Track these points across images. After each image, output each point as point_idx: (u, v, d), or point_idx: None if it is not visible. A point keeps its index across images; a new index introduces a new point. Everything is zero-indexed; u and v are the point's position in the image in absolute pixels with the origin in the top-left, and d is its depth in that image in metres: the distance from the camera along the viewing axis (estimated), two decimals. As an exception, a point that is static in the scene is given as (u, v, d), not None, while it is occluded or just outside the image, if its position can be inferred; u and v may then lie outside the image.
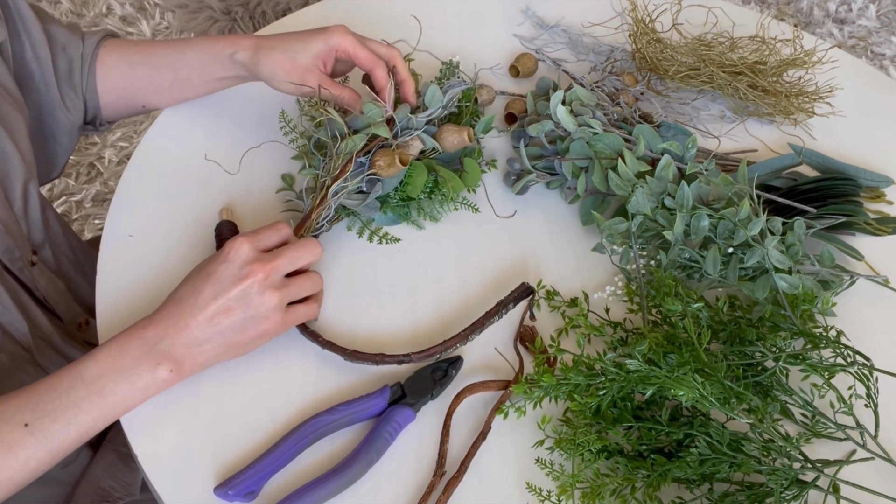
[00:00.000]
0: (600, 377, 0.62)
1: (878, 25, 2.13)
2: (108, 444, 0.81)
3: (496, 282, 0.75)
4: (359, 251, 0.77)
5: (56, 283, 0.79)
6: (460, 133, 0.79)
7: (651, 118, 0.87)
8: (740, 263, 0.70)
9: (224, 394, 0.66)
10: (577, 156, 0.78)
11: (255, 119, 0.87)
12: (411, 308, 0.73)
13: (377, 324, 0.72)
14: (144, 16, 2.01)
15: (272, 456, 0.61)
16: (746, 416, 0.60)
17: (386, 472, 0.63)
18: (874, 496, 0.61)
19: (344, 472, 0.61)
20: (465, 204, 0.81)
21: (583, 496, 0.60)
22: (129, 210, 0.79)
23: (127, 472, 0.80)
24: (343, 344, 0.68)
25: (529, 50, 0.98)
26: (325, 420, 0.63)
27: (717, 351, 0.64)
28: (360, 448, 0.62)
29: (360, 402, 0.64)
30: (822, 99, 0.91)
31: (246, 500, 0.60)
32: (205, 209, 0.79)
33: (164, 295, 0.64)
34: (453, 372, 0.67)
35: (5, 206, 0.71)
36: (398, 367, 0.68)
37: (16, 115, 0.74)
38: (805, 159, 0.83)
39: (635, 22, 0.92)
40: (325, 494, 0.60)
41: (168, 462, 0.63)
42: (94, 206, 1.66)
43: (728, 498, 0.59)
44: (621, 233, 0.74)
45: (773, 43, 0.92)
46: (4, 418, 0.57)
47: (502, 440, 0.65)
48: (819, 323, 0.67)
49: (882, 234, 0.77)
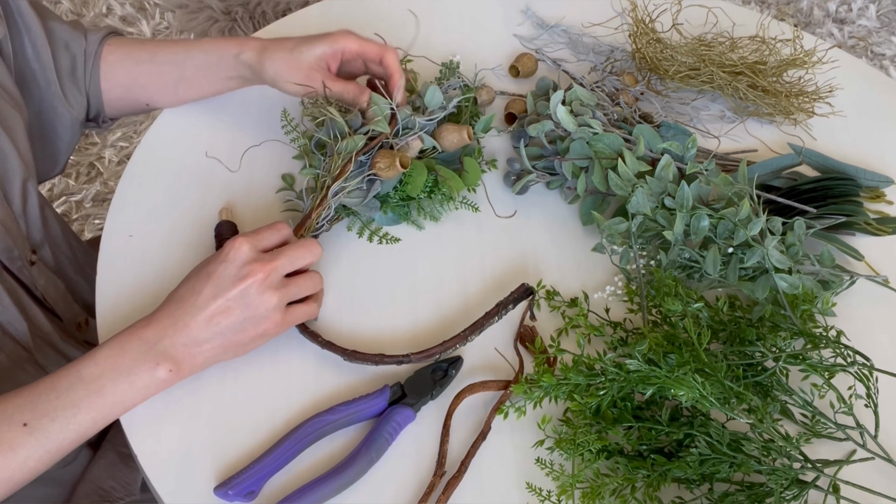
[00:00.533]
0: (600, 377, 0.62)
1: (878, 25, 2.13)
2: (108, 443, 0.81)
3: (496, 282, 0.75)
4: (359, 251, 0.77)
5: (55, 283, 0.79)
6: (460, 132, 0.78)
7: (651, 118, 0.87)
8: (740, 263, 0.70)
9: (224, 394, 0.67)
10: (577, 156, 0.78)
11: (256, 119, 0.87)
12: (411, 308, 0.73)
13: (377, 324, 0.72)
14: (144, 16, 2.01)
15: (272, 456, 0.61)
16: (746, 416, 0.60)
17: (386, 472, 0.63)
18: (874, 496, 0.61)
19: (344, 472, 0.61)
20: (465, 203, 0.81)
21: (583, 496, 0.60)
22: (129, 210, 0.79)
23: (127, 472, 0.80)
24: (343, 344, 0.68)
25: (529, 50, 0.98)
26: (325, 420, 0.63)
27: (717, 351, 0.64)
28: (360, 448, 0.62)
29: (359, 402, 0.64)
30: (822, 99, 0.91)
31: (246, 499, 0.60)
32: (205, 209, 0.79)
33: (163, 295, 0.64)
34: (453, 372, 0.67)
35: (4, 205, 0.71)
36: (398, 367, 0.68)
37: (14, 114, 0.74)
38: (805, 159, 0.83)
39: (635, 22, 0.92)
40: (325, 494, 0.60)
41: (168, 462, 0.63)
42: (94, 206, 1.66)
43: (728, 498, 0.59)
44: (621, 233, 0.74)
45: (773, 43, 0.92)
46: (4, 418, 0.57)
47: (502, 440, 0.65)
48: (819, 323, 0.67)
49: (882, 234, 0.77)
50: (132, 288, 0.73)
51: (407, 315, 0.73)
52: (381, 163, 0.73)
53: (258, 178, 0.82)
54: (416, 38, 0.97)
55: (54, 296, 0.79)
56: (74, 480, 0.78)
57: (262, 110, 0.88)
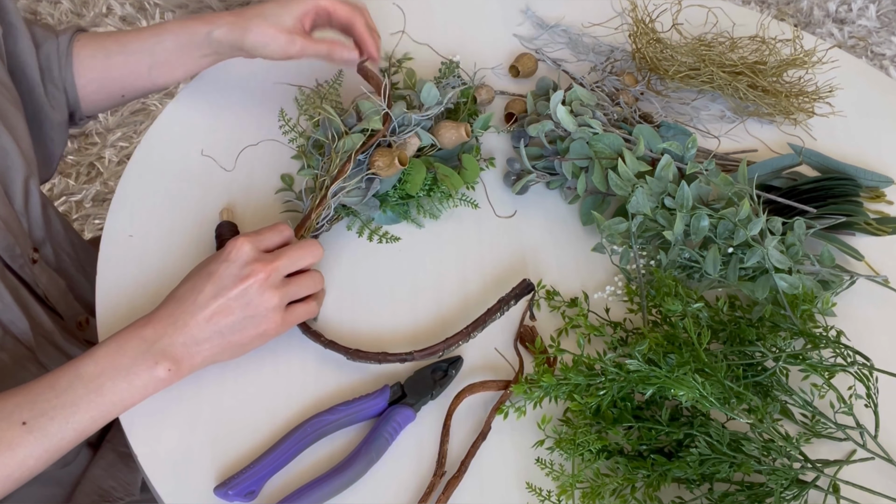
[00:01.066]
0: (600, 377, 0.62)
1: (878, 25, 2.13)
2: (108, 443, 0.81)
3: (496, 281, 0.75)
4: (359, 250, 0.77)
5: (57, 282, 0.79)
6: (458, 129, 0.78)
7: (651, 118, 0.87)
8: (740, 263, 0.70)
9: (224, 393, 0.67)
10: (577, 156, 0.78)
11: (258, 119, 0.87)
12: (411, 307, 0.73)
13: (377, 323, 0.72)
14: (144, 16, 2.01)
15: (272, 456, 0.61)
16: (746, 416, 0.60)
17: (386, 472, 0.63)
18: (874, 496, 0.61)
19: (344, 472, 0.61)
20: (465, 200, 0.81)
21: (583, 496, 0.60)
22: (129, 210, 0.79)
23: (127, 472, 0.80)
24: (344, 343, 0.68)
25: (529, 50, 0.98)
26: (326, 420, 0.63)
27: (717, 351, 0.64)
28: (360, 448, 0.62)
29: (360, 402, 0.64)
30: (822, 99, 0.91)
31: (246, 499, 0.60)
32: (205, 209, 0.79)
33: (163, 295, 0.64)
34: (453, 372, 0.67)
35: (6, 202, 0.71)
36: (398, 366, 0.68)
37: (15, 111, 0.74)
38: (805, 159, 0.83)
39: (635, 22, 0.92)
40: (325, 494, 0.60)
41: (168, 462, 0.63)
42: (94, 206, 1.66)
43: (728, 498, 0.59)
44: (621, 233, 0.74)
45: (773, 43, 0.92)
46: (3, 416, 0.57)
47: (502, 440, 0.65)
48: (819, 323, 0.67)
49: (882, 234, 0.77)
50: (132, 288, 0.73)
51: (407, 314, 0.73)
52: (379, 161, 0.73)
53: (258, 179, 0.82)
54: (416, 37, 0.97)
55: (56, 294, 0.79)
56: (74, 480, 0.78)
57: (263, 110, 0.88)
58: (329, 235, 0.78)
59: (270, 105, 0.88)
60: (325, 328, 0.71)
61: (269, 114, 0.88)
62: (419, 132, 0.77)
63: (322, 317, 0.72)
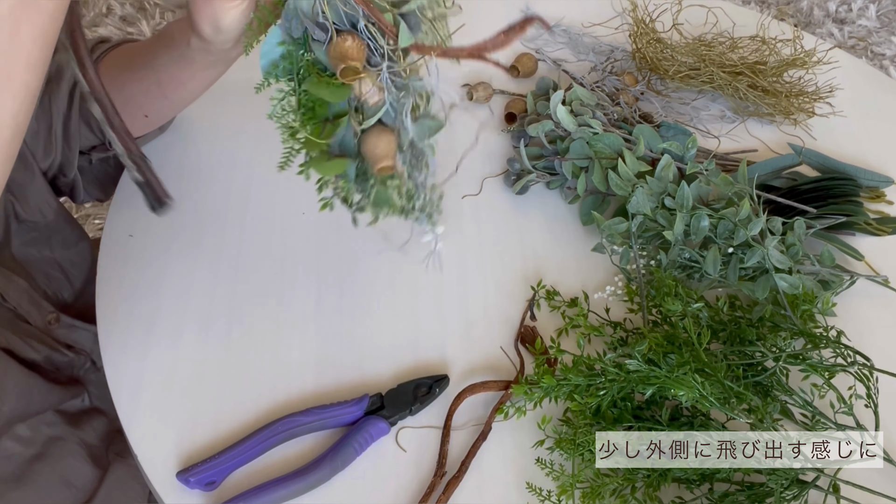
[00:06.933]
0: (600, 377, 0.62)
1: (878, 25, 2.13)
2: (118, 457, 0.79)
3: (496, 281, 0.75)
4: (359, 249, 0.77)
5: (17, 282, 0.73)
6: (388, 138, 0.56)
7: (651, 118, 0.87)
8: (740, 263, 0.70)
9: (225, 392, 0.67)
10: (577, 156, 0.78)
11: (257, 118, 0.87)
12: (412, 306, 0.73)
13: (378, 323, 0.72)
14: (144, 16, 2.01)
15: (238, 449, 0.61)
16: (746, 416, 0.60)
17: (386, 472, 0.63)
18: (874, 496, 0.61)
19: (307, 476, 0.60)
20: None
21: (583, 496, 0.60)
22: (129, 210, 0.79)
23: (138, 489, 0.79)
24: (342, 348, 0.67)
25: (529, 50, 0.98)
26: (298, 421, 0.63)
27: (717, 351, 0.64)
28: (328, 454, 0.62)
29: (336, 407, 0.64)
30: (822, 99, 0.91)
31: (206, 489, 0.60)
32: (205, 209, 0.79)
33: (163, 295, 0.64)
34: (437, 390, 0.67)
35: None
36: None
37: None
38: (805, 159, 0.83)
39: (635, 22, 0.92)
40: (284, 495, 0.60)
41: (168, 462, 0.63)
42: (94, 206, 1.66)
43: (728, 498, 0.59)
44: (621, 233, 0.74)
45: (774, 43, 0.92)
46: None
47: (502, 440, 0.65)
48: (819, 323, 0.67)
49: (882, 234, 0.77)
50: (132, 288, 0.73)
51: (408, 313, 0.73)
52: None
53: (259, 178, 0.82)
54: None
55: (15, 296, 0.73)
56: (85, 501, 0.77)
57: (263, 110, 0.88)
58: (328, 234, 0.77)
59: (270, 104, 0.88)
60: (323, 327, 0.71)
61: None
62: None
63: (318, 315, 0.72)
